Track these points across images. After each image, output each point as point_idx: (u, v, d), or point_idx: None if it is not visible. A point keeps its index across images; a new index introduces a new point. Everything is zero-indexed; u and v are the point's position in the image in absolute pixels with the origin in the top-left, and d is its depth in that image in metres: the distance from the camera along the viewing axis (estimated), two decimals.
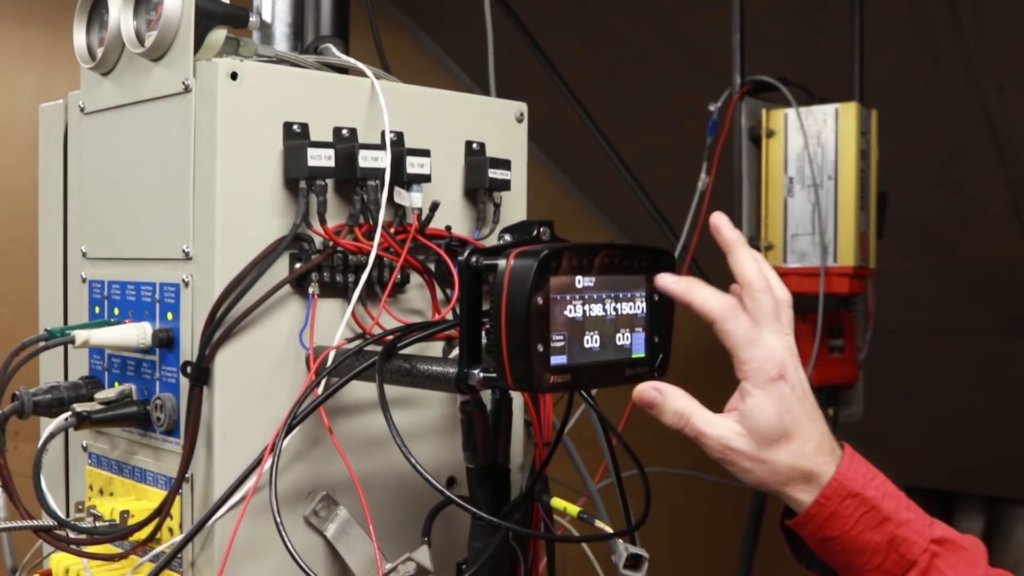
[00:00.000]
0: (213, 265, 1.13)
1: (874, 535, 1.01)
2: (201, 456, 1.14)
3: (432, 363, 1.09)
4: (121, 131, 1.26)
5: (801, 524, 1.03)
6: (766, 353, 1.01)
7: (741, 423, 1.02)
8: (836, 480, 1.01)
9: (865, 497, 1.01)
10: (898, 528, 1.01)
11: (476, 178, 1.32)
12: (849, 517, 1.00)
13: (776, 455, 1.01)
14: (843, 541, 1.01)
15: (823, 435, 1.03)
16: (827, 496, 1.01)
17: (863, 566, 1.02)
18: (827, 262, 2.22)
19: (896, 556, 1.01)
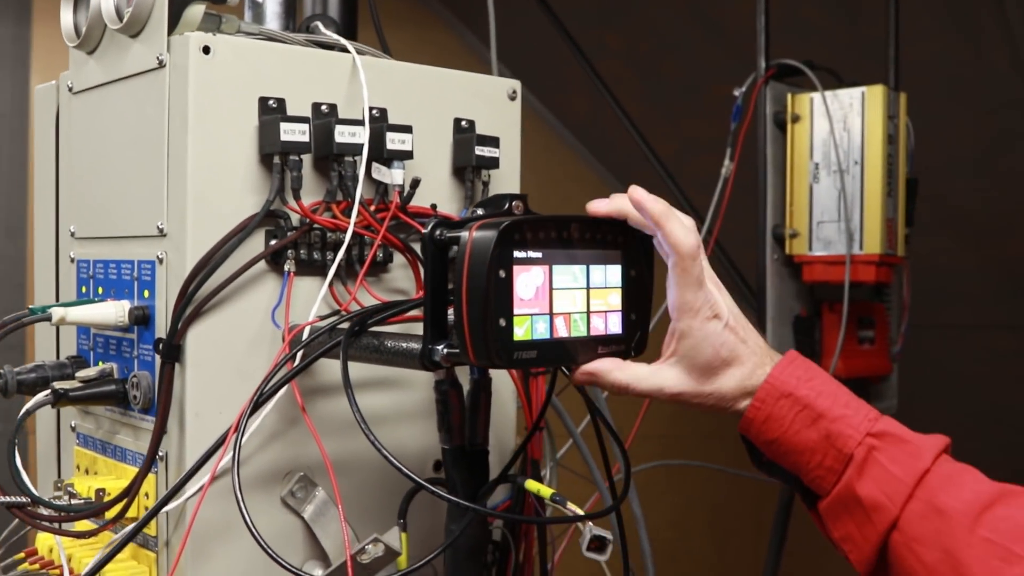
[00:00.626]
0: (185, 241, 1.12)
1: (810, 433, 1.00)
2: (174, 434, 1.13)
3: (400, 340, 1.07)
4: (104, 109, 1.26)
5: (745, 430, 1.04)
6: (706, 295, 1.01)
7: (679, 364, 1.03)
8: (768, 383, 1.01)
9: (798, 396, 1.00)
10: (832, 424, 0.99)
11: (463, 156, 1.30)
12: (784, 417, 1.01)
13: (720, 385, 1.02)
14: (783, 442, 1.01)
15: (759, 351, 1.03)
16: (761, 399, 1.01)
17: (806, 465, 1.01)
18: (853, 250, 2.16)
19: (834, 452, 0.99)
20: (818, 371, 1.03)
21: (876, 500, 0.98)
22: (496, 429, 1.36)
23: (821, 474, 1.01)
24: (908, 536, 0.97)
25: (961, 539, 0.95)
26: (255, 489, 1.16)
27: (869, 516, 0.99)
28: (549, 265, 0.99)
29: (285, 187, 1.14)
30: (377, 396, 1.25)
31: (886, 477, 0.98)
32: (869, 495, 0.98)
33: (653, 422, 3.78)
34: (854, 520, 1.00)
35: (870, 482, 0.99)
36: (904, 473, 0.98)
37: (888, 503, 0.98)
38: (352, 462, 1.22)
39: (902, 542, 0.98)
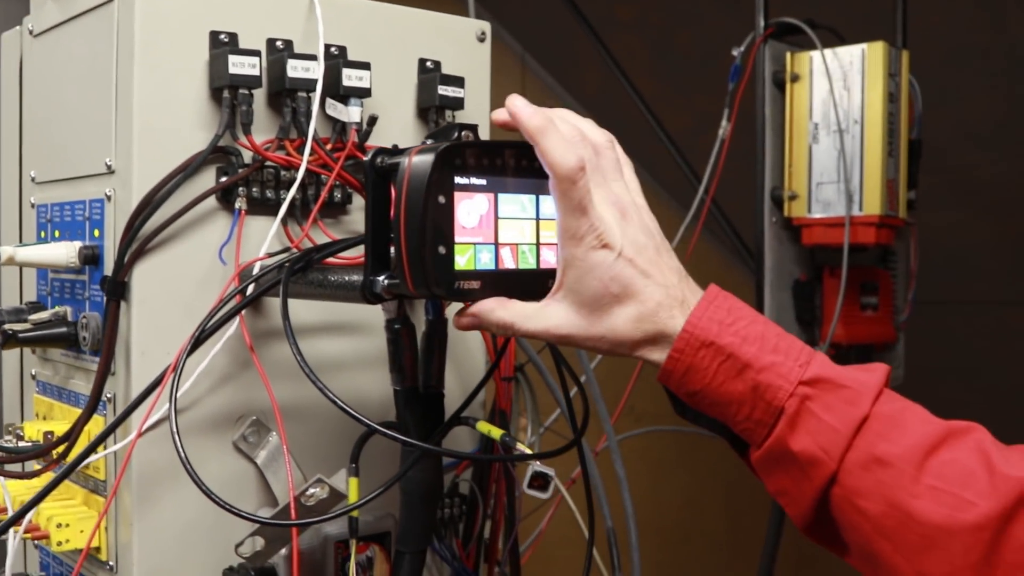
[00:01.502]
0: (132, 178, 1.09)
1: (736, 384, 0.90)
2: (121, 375, 1.11)
3: (343, 273, 1.04)
4: (59, 49, 1.24)
5: (665, 381, 0.93)
6: (591, 222, 0.91)
7: (566, 299, 0.93)
8: (686, 331, 0.90)
9: (720, 345, 0.90)
10: (759, 374, 0.89)
11: (427, 96, 1.26)
12: (707, 369, 0.90)
13: (612, 325, 0.92)
14: (707, 394, 0.91)
15: (667, 289, 0.92)
16: (679, 350, 0.90)
17: (734, 417, 0.91)
18: (853, 211, 2.11)
19: (763, 404, 0.89)
20: (742, 310, 0.93)
21: (812, 454, 0.88)
22: (463, 379, 1.33)
23: (750, 427, 0.91)
24: (849, 489, 0.88)
25: (906, 489, 0.86)
26: (205, 433, 1.13)
27: (805, 471, 0.89)
28: (494, 193, 0.96)
29: (235, 123, 1.11)
30: (338, 341, 1.23)
31: (821, 428, 0.88)
32: (804, 449, 0.89)
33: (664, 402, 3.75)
34: (789, 475, 0.91)
35: (804, 435, 0.88)
36: (840, 423, 0.88)
37: (824, 457, 0.88)
38: (308, 408, 1.19)
39: (843, 496, 0.89)
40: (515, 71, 3.80)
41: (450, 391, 1.13)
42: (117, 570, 1.13)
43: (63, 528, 1.12)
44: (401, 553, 1.12)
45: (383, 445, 1.14)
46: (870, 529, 0.88)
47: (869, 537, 0.88)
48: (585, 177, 0.91)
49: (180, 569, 1.13)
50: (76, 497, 1.19)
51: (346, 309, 1.22)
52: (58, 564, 1.26)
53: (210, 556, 1.14)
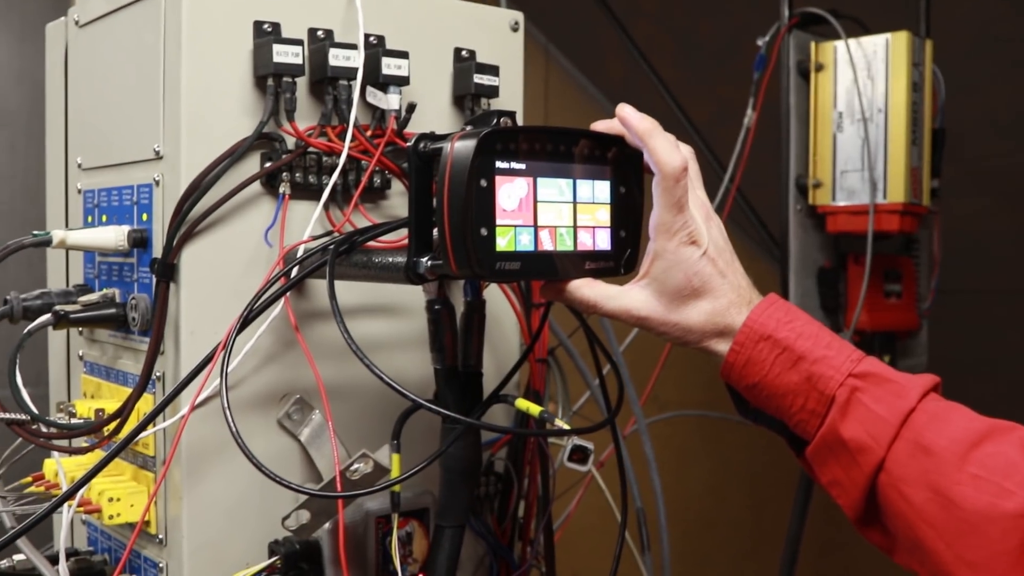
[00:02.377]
0: (180, 163, 1.13)
1: (791, 376, 0.98)
2: (171, 354, 1.15)
3: (387, 255, 1.07)
4: (106, 39, 1.27)
5: (726, 375, 1.02)
6: (685, 220, 1.00)
7: (649, 287, 1.02)
8: (747, 326, 0.99)
9: (777, 339, 0.98)
10: (813, 365, 0.97)
11: (463, 84, 1.30)
12: (764, 361, 0.99)
13: (687, 315, 1.01)
14: (765, 386, 0.99)
15: (739, 290, 1.01)
16: (740, 343, 0.99)
17: (789, 408, 0.99)
18: (877, 199, 2.13)
19: (816, 394, 0.97)
20: (799, 313, 1.02)
21: (861, 441, 0.96)
22: (499, 360, 1.36)
23: (804, 417, 0.99)
24: (895, 477, 0.94)
25: (949, 476, 0.92)
26: (251, 411, 1.17)
27: (855, 458, 0.96)
28: (533, 177, 0.99)
29: (279, 109, 1.15)
30: (377, 322, 1.26)
31: (870, 417, 0.96)
32: (854, 436, 0.96)
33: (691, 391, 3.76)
34: (840, 464, 0.98)
35: (854, 423, 0.96)
36: (888, 413, 0.95)
37: (873, 444, 0.95)
38: (350, 387, 1.23)
39: (889, 483, 0.95)
40: (539, 61, 3.82)
41: (485, 371, 1.17)
42: (166, 543, 1.16)
43: (114, 502, 1.16)
44: (441, 528, 1.15)
45: (421, 423, 1.18)
46: (914, 515, 0.93)
47: (913, 523, 0.93)
48: (686, 177, 1.00)
49: (227, 542, 1.16)
50: (125, 473, 1.23)
51: (385, 291, 1.25)
52: (106, 539, 1.29)
53: (256, 530, 1.18)
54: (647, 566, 1.58)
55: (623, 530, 1.24)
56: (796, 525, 2.44)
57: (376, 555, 1.22)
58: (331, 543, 1.17)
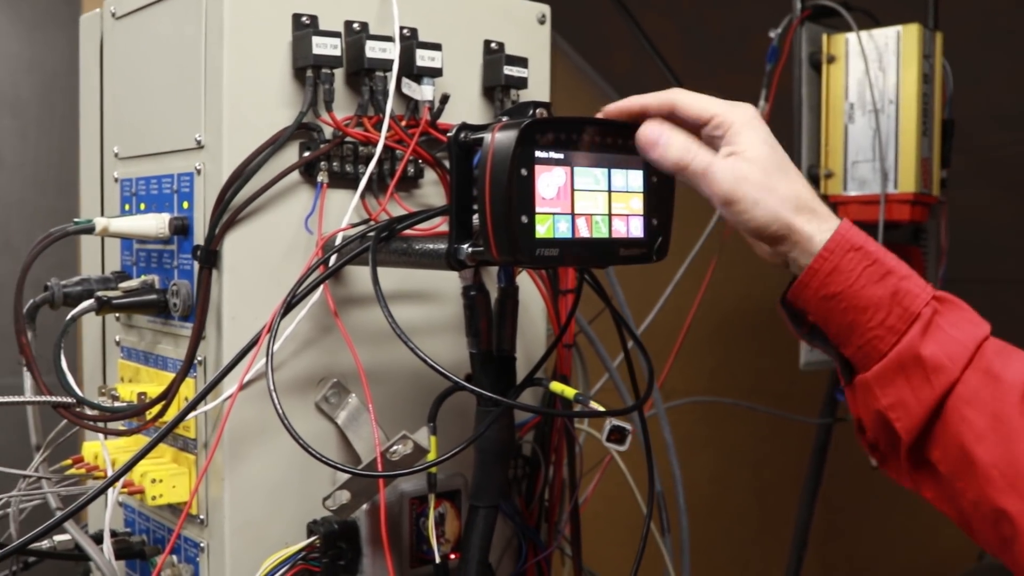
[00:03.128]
0: (222, 151, 1.16)
1: (877, 289, 0.98)
2: (212, 339, 1.18)
3: (427, 242, 1.10)
4: (145, 31, 1.30)
5: (804, 284, 1.01)
6: (742, 107, 1.03)
7: (742, 158, 1.01)
8: (839, 233, 0.99)
9: (868, 251, 0.99)
10: (901, 281, 0.98)
11: (492, 76, 1.33)
12: (852, 271, 0.98)
13: (781, 182, 1.00)
14: (846, 297, 0.99)
15: (805, 188, 1.02)
16: (830, 249, 0.99)
17: (866, 324, 0.99)
18: (888, 189, 2.17)
19: (900, 310, 0.97)
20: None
21: (939, 361, 0.97)
22: (526, 345, 1.39)
23: (881, 334, 0.98)
24: (963, 400, 0.96)
25: (1012, 406, 0.95)
26: (290, 394, 1.20)
27: (928, 378, 0.97)
28: (571, 167, 1.02)
29: (318, 100, 1.18)
30: (409, 308, 1.29)
31: (948, 340, 0.97)
32: (932, 355, 0.97)
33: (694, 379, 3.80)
34: (910, 383, 0.98)
35: (933, 343, 0.97)
36: (965, 337, 0.97)
37: (950, 364, 0.96)
38: (383, 371, 1.26)
39: (955, 406, 0.97)
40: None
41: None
42: (208, 523, 1.20)
43: (157, 483, 1.19)
44: (475, 508, 1.19)
45: (451, 406, 1.21)
46: (973, 439, 0.96)
47: (970, 448, 0.96)
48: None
49: (267, 522, 1.20)
50: (165, 455, 1.26)
51: (415, 278, 1.28)
52: (144, 520, 1.33)
53: (296, 510, 1.21)
54: (667, 548, 1.61)
55: (650, 509, 1.27)
56: (806, 510, 2.47)
57: (410, 535, 1.25)
58: (369, 523, 1.20)
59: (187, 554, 1.23)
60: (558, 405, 1.33)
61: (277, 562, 1.17)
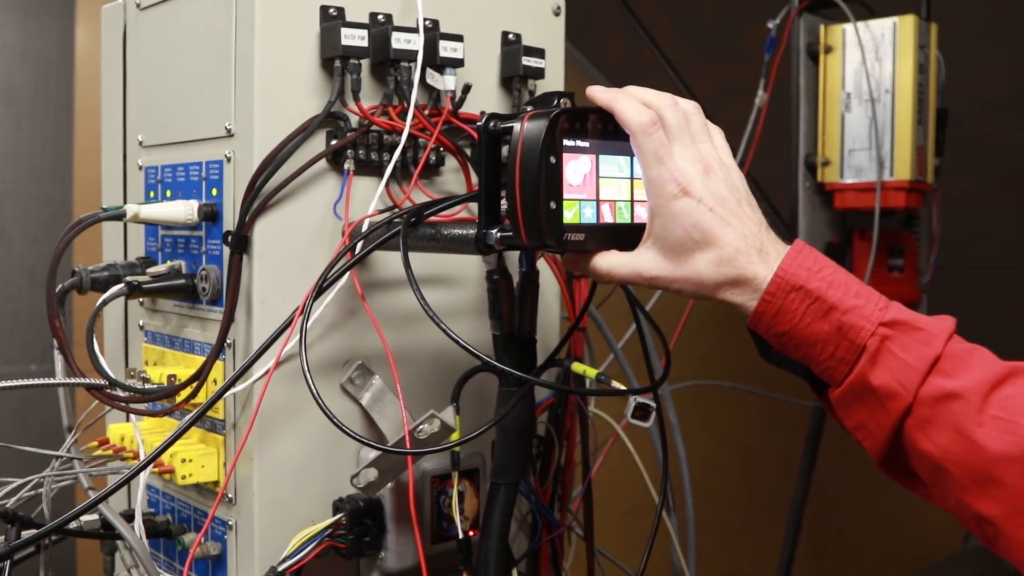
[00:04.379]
0: (252, 139, 1.19)
1: (822, 325, 0.99)
2: (242, 322, 1.21)
3: (455, 227, 1.14)
4: (172, 23, 1.33)
5: (755, 324, 1.03)
6: (669, 172, 1.02)
7: (655, 246, 1.04)
8: (778, 276, 1.00)
9: (809, 289, 0.99)
10: (844, 316, 0.99)
11: (511, 66, 1.36)
12: (796, 311, 1.00)
13: (695, 267, 1.02)
14: (795, 335, 1.01)
15: (745, 237, 1.02)
16: (771, 293, 1.00)
17: (818, 357, 1.01)
18: (884, 176, 2.21)
19: (846, 343, 0.99)
20: (826, 260, 1.03)
21: (890, 388, 0.98)
22: (541, 328, 1.43)
23: (833, 365, 1.01)
24: (921, 420, 0.98)
25: (972, 419, 0.96)
26: (316, 376, 1.23)
27: (883, 404, 0.99)
28: (596, 155, 1.06)
29: (345, 90, 1.21)
30: (430, 293, 1.32)
31: (899, 365, 0.98)
32: (883, 384, 0.98)
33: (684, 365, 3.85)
34: (867, 409, 1.01)
35: (883, 371, 0.98)
36: (916, 360, 0.98)
37: (901, 390, 0.98)
38: (406, 354, 1.29)
39: (915, 426, 0.98)
40: None
41: None
42: (236, 502, 1.23)
43: (187, 463, 1.23)
44: (497, 485, 1.22)
45: (473, 387, 1.25)
46: (939, 456, 0.97)
47: (938, 464, 0.98)
48: (659, 131, 1.03)
49: (295, 500, 1.23)
50: (192, 436, 1.29)
51: (438, 263, 1.32)
52: (168, 500, 1.36)
53: (322, 488, 1.25)
54: (673, 527, 1.65)
55: (665, 488, 1.31)
56: (801, 493, 2.52)
57: (432, 512, 1.29)
58: (394, 500, 1.24)
59: (215, 532, 1.26)
60: (572, 384, 1.37)
61: (305, 539, 1.21)
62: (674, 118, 1.05)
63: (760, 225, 1.05)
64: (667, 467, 1.30)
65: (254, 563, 1.21)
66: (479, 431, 1.12)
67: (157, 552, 1.38)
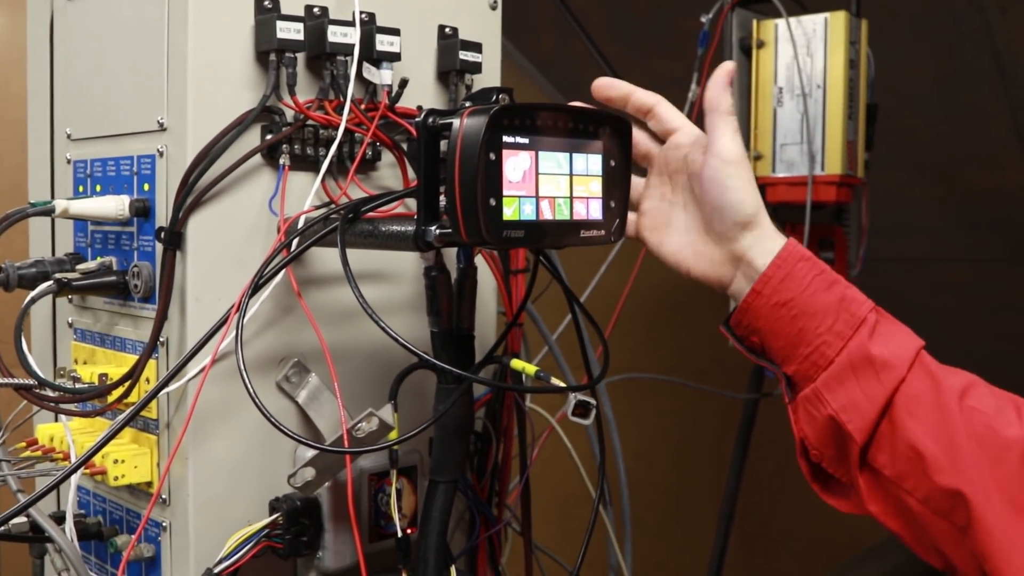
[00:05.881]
0: (185, 134, 1.17)
1: (826, 296, 1.04)
2: (175, 320, 1.19)
3: (393, 223, 1.13)
4: (102, 13, 1.30)
5: (756, 292, 1.08)
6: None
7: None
8: (791, 243, 1.07)
9: (815, 261, 1.07)
10: (847, 289, 1.05)
11: (448, 60, 1.35)
12: (803, 278, 1.05)
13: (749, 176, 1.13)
14: (798, 304, 1.05)
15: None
16: (783, 258, 1.06)
17: (815, 329, 1.05)
18: (815, 171, 2.24)
19: (847, 316, 1.04)
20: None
21: (887, 359, 1.03)
22: (478, 324, 1.42)
23: (829, 339, 1.04)
24: (909, 396, 1.03)
25: (954, 403, 1.02)
26: (252, 374, 1.20)
27: (879, 375, 1.03)
28: (535, 151, 1.05)
29: (280, 84, 1.19)
30: (367, 289, 1.31)
31: (893, 342, 1.04)
32: (881, 354, 1.03)
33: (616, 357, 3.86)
34: (860, 383, 1.04)
35: (880, 344, 1.03)
36: (906, 341, 1.05)
37: (898, 363, 1.03)
38: (343, 351, 1.28)
39: (902, 403, 1.03)
40: None
41: None
42: (170, 502, 1.21)
43: (119, 464, 1.20)
44: (435, 483, 1.22)
45: (410, 384, 1.24)
46: (922, 433, 1.02)
47: (919, 441, 1.01)
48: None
49: (231, 500, 1.21)
50: (124, 436, 1.27)
51: (373, 259, 1.30)
52: (100, 501, 1.33)
53: (258, 488, 1.23)
54: (609, 519, 1.66)
55: (602, 483, 1.31)
56: (733, 483, 2.54)
57: (369, 510, 1.28)
58: (331, 499, 1.22)
59: (148, 534, 1.24)
60: (510, 381, 1.36)
61: (241, 540, 1.19)
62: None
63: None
64: (604, 462, 1.30)
65: (189, 565, 1.19)
66: (418, 430, 1.11)
67: (89, 555, 1.35)
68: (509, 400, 1.43)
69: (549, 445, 1.65)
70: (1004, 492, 0.98)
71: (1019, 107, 3.34)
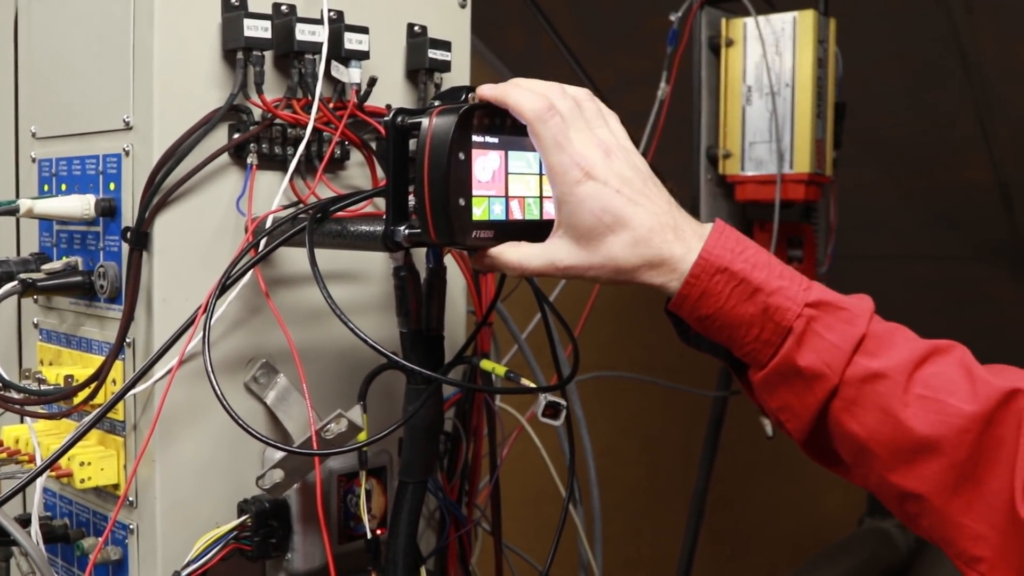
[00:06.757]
0: (152, 133, 1.16)
1: (747, 307, 0.99)
2: (142, 321, 1.18)
3: (362, 223, 1.12)
4: (67, 10, 1.28)
5: (677, 306, 1.02)
6: (570, 157, 1.00)
7: (566, 236, 1.02)
8: (702, 258, 0.99)
9: (733, 271, 0.99)
10: (770, 297, 0.98)
11: (416, 59, 1.35)
12: (720, 293, 0.99)
13: (609, 252, 1.00)
14: (719, 317, 1.00)
15: (657, 216, 1.01)
16: (695, 275, 0.99)
17: (742, 339, 1.00)
18: (784, 169, 2.24)
19: (772, 325, 0.98)
20: (748, 241, 1.02)
21: (816, 369, 0.98)
22: (447, 323, 1.42)
23: (757, 347, 1.00)
24: (847, 401, 0.98)
25: (898, 398, 0.97)
26: (219, 375, 1.19)
27: (809, 385, 0.99)
28: (505, 151, 1.05)
29: (248, 82, 1.18)
30: (336, 289, 1.30)
31: (825, 346, 0.98)
32: (809, 365, 0.98)
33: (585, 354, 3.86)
34: (792, 391, 1.00)
35: (810, 352, 0.98)
36: (841, 340, 0.98)
37: (828, 371, 0.98)
38: (311, 352, 1.27)
39: (841, 407, 0.99)
40: None
41: None
42: (137, 505, 1.20)
43: (85, 466, 1.19)
44: (405, 484, 1.21)
45: (379, 385, 1.23)
46: (866, 437, 0.98)
47: (864, 445, 0.99)
48: (555, 117, 1.01)
49: (197, 503, 1.20)
50: (91, 438, 1.25)
51: (342, 259, 1.30)
52: (66, 504, 1.32)
53: (226, 490, 1.22)
54: (580, 518, 1.66)
55: (572, 482, 1.31)
56: (703, 480, 2.55)
57: (339, 512, 1.27)
58: (300, 501, 1.22)
59: (115, 536, 1.23)
60: (479, 381, 1.36)
61: (209, 542, 1.18)
62: (565, 106, 1.03)
63: (670, 203, 1.04)
64: (574, 461, 1.30)
65: (157, 567, 1.18)
66: (387, 431, 1.11)
67: (55, 558, 1.34)
68: (479, 400, 1.43)
69: (519, 444, 1.65)
70: (960, 473, 0.96)
71: (984, 106, 3.36)
